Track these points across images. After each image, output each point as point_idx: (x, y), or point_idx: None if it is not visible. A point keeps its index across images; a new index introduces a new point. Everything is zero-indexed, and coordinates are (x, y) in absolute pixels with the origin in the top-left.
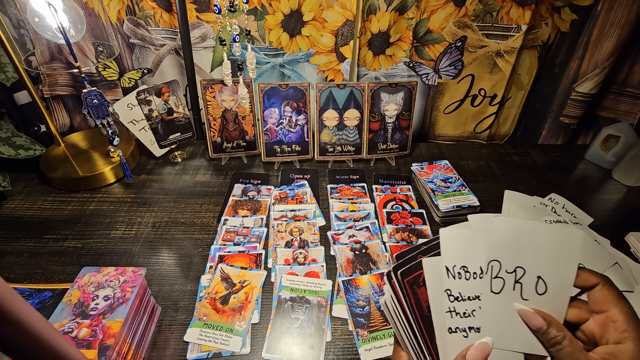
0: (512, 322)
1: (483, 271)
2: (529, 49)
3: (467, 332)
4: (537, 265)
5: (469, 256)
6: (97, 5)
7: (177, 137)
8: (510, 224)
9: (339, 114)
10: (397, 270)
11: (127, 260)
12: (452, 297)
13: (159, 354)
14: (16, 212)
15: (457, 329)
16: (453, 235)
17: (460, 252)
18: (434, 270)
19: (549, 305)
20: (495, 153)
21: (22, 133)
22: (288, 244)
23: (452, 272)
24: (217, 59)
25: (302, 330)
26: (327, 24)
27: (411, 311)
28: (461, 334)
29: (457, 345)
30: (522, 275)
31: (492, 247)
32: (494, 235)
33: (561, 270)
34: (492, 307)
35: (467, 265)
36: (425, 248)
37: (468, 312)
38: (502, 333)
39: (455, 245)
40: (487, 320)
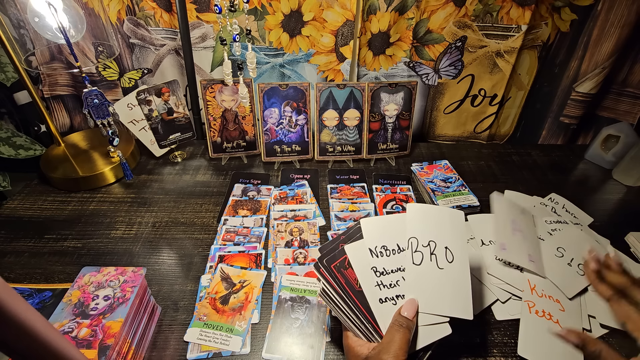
0: (435, 289)
1: (401, 248)
2: (529, 49)
3: (395, 300)
4: (442, 238)
5: (386, 237)
6: (97, 5)
7: (177, 137)
8: (417, 207)
9: (339, 114)
10: (323, 259)
11: (127, 260)
12: (378, 273)
13: (159, 354)
14: (16, 212)
15: (386, 299)
16: (370, 223)
17: (378, 235)
18: (357, 253)
19: (457, 272)
20: (495, 153)
21: (22, 133)
22: (288, 244)
23: (374, 252)
24: (217, 59)
25: (302, 330)
26: (327, 24)
27: (344, 290)
28: (390, 303)
29: (389, 312)
30: (435, 247)
31: (408, 227)
32: (408, 217)
33: (459, 240)
34: (415, 277)
35: (386, 244)
36: (345, 237)
37: (393, 282)
38: (427, 298)
39: (373, 231)
40: (411, 288)
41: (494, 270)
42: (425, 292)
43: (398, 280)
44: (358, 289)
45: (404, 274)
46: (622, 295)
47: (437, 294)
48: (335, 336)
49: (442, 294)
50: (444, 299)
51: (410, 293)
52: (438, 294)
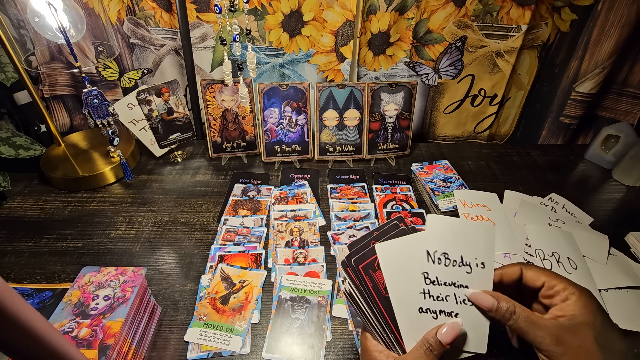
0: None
1: (465, 262)
2: (529, 49)
3: (437, 315)
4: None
5: (451, 244)
6: (97, 5)
7: (177, 137)
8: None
9: (339, 114)
10: (351, 258)
11: (127, 260)
12: (428, 280)
13: (159, 354)
14: (16, 212)
15: (427, 310)
16: (440, 222)
17: (443, 239)
18: (391, 254)
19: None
20: (495, 153)
21: (22, 133)
22: (288, 243)
23: (432, 257)
24: (217, 59)
25: (302, 330)
26: (327, 24)
27: (369, 294)
28: (431, 315)
29: (424, 324)
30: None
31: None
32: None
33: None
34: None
35: (449, 252)
36: (378, 234)
37: (442, 296)
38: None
39: (439, 231)
40: (464, 311)
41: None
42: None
43: (448, 295)
44: (385, 294)
45: (459, 291)
46: None
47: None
48: (335, 336)
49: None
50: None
51: (463, 315)
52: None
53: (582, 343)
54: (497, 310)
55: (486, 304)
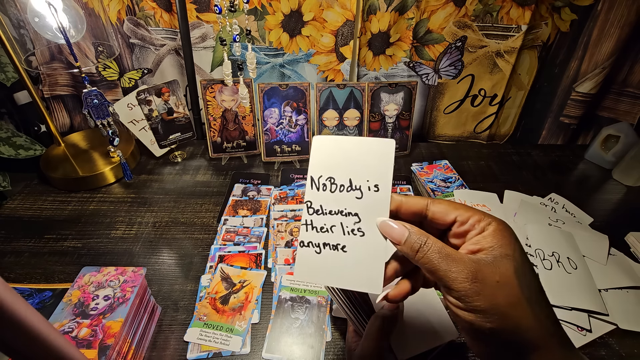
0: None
1: (353, 185)
2: (529, 49)
3: (321, 249)
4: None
5: (338, 166)
6: (97, 5)
7: (177, 137)
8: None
9: (339, 114)
10: None
11: (127, 260)
12: (311, 210)
13: (159, 354)
14: (16, 212)
15: (309, 244)
16: (326, 142)
17: (329, 161)
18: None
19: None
20: (495, 153)
21: (22, 133)
22: (288, 244)
23: (316, 183)
24: (217, 59)
25: (302, 330)
26: (327, 24)
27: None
28: (313, 250)
29: (307, 259)
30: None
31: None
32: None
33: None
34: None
35: (335, 176)
36: None
37: (326, 227)
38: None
39: (326, 154)
40: (351, 240)
41: None
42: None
43: (334, 226)
44: None
45: (346, 220)
46: None
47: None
48: (335, 336)
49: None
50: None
51: (351, 248)
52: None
53: (501, 278)
54: (406, 241)
55: (395, 234)
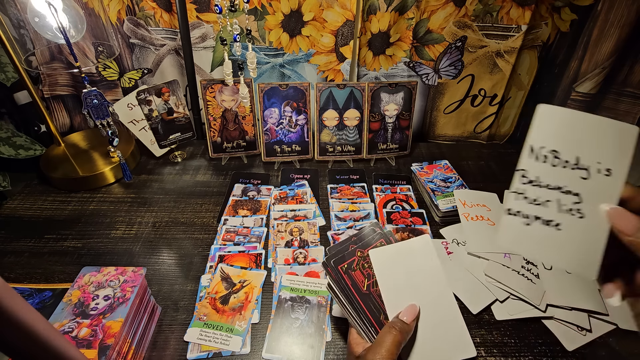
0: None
1: (580, 163)
2: (529, 49)
3: (532, 221)
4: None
5: (566, 141)
6: (97, 5)
7: (177, 137)
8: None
9: (339, 114)
10: (330, 260)
11: (127, 260)
12: (525, 179)
13: (159, 354)
14: (16, 212)
15: (518, 213)
16: (557, 113)
17: (556, 133)
18: (381, 258)
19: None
20: (495, 153)
21: (22, 133)
22: (288, 243)
23: (536, 152)
24: (217, 59)
25: (302, 330)
26: (327, 24)
27: (349, 291)
28: (522, 219)
29: (514, 229)
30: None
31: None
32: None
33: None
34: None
35: (560, 150)
36: (356, 239)
37: (541, 200)
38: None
39: (552, 125)
40: (567, 219)
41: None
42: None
43: (550, 201)
44: (365, 291)
45: (565, 198)
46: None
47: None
48: (335, 336)
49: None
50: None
51: (566, 227)
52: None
53: None
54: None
55: (627, 227)
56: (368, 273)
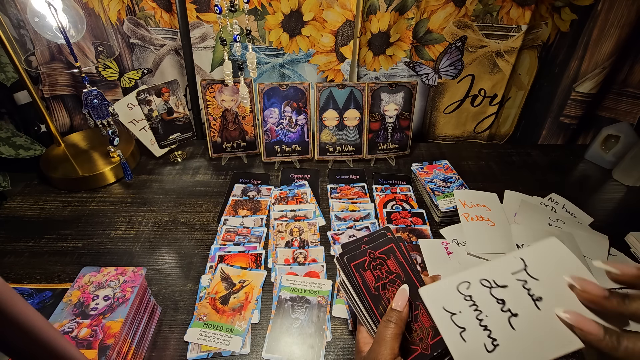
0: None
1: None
2: (529, 49)
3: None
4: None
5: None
6: (97, 5)
7: (177, 137)
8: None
9: (339, 114)
10: (344, 256)
11: (127, 260)
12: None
13: (159, 354)
14: (16, 212)
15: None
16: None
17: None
18: (437, 298)
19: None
20: (495, 153)
21: (22, 133)
22: (288, 244)
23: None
24: (217, 59)
25: (302, 330)
26: (327, 24)
27: (359, 289)
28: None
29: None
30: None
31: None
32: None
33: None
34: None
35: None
36: (368, 239)
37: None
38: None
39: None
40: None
41: None
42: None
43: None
44: (374, 292)
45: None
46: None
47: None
48: (335, 336)
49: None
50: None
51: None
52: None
53: None
54: (598, 341)
55: (590, 328)
56: (378, 275)
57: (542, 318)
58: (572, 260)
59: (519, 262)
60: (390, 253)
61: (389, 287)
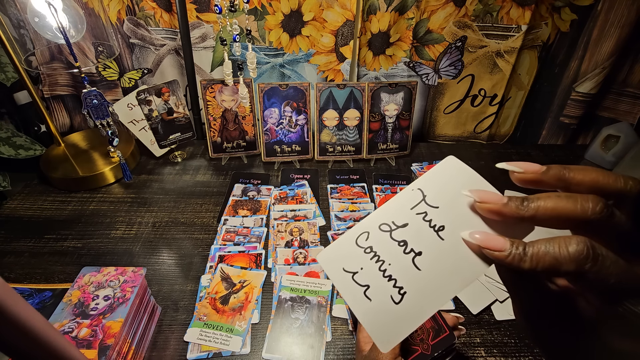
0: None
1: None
2: (529, 49)
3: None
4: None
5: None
6: (97, 5)
7: (177, 137)
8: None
9: (339, 114)
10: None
11: (127, 260)
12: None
13: (159, 354)
14: (16, 212)
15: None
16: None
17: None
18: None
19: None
20: (495, 153)
21: (22, 133)
22: (288, 244)
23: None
24: (217, 59)
25: (302, 330)
26: (327, 24)
27: None
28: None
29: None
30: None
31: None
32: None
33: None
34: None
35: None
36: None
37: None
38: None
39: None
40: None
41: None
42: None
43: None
44: None
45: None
46: None
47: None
48: (335, 336)
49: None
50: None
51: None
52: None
53: None
54: (506, 256)
55: (497, 244)
56: None
57: (447, 248)
58: (471, 176)
59: (417, 194)
60: None
61: None
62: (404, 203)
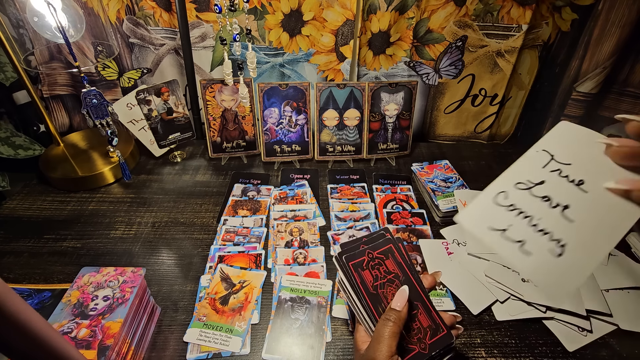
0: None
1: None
2: (530, 48)
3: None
4: None
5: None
6: (96, 5)
7: (176, 137)
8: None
9: (339, 113)
10: (342, 255)
11: (127, 261)
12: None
13: (158, 354)
14: (15, 212)
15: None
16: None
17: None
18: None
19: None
20: (496, 153)
21: (22, 133)
22: (288, 244)
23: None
24: (216, 58)
25: (302, 330)
26: (327, 24)
27: (357, 288)
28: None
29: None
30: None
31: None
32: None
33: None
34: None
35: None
36: (367, 239)
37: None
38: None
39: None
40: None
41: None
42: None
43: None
44: (373, 291)
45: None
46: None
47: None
48: (335, 337)
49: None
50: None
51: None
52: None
53: None
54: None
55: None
56: (376, 274)
57: (593, 199)
58: (590, 133)
59: (543, 154)
60: (389, 253)
61: (387, 286)
62: (533, 163)
